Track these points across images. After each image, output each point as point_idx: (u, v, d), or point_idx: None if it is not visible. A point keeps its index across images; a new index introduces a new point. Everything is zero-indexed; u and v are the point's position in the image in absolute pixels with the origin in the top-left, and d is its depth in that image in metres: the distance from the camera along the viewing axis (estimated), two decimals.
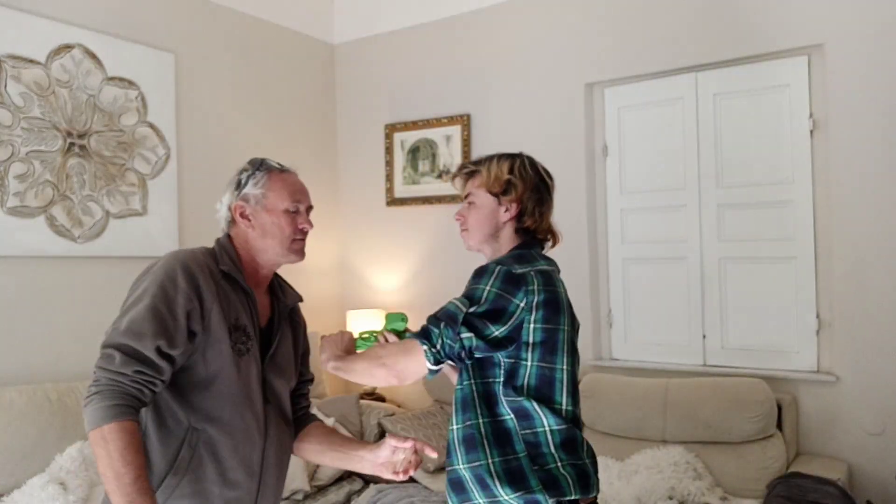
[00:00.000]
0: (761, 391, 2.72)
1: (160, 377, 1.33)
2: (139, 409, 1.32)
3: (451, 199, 3.75)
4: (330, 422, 3.21)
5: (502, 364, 1.49)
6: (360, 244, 4.14)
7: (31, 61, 2.77)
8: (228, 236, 1.56)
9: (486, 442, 1.47)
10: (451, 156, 3.78)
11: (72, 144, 2.89)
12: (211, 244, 1.55)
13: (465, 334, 1.45)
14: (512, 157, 1.67)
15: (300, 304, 1.71)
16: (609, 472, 2.81)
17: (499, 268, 1.52)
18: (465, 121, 3.72)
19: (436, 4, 3.82)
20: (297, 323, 1.69)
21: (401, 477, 1.56)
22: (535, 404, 1.47)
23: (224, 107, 3.57)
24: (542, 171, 1.69)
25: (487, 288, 1.49)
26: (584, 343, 3.35)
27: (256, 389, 1.49)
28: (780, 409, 2.79)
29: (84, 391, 2.66)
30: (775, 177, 2.99)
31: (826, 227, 2.88)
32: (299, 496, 2.93)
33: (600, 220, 3.44)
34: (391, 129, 3.99)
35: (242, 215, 1.53)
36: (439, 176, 3.84)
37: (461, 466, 1.50)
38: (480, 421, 1.49)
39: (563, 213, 3.41)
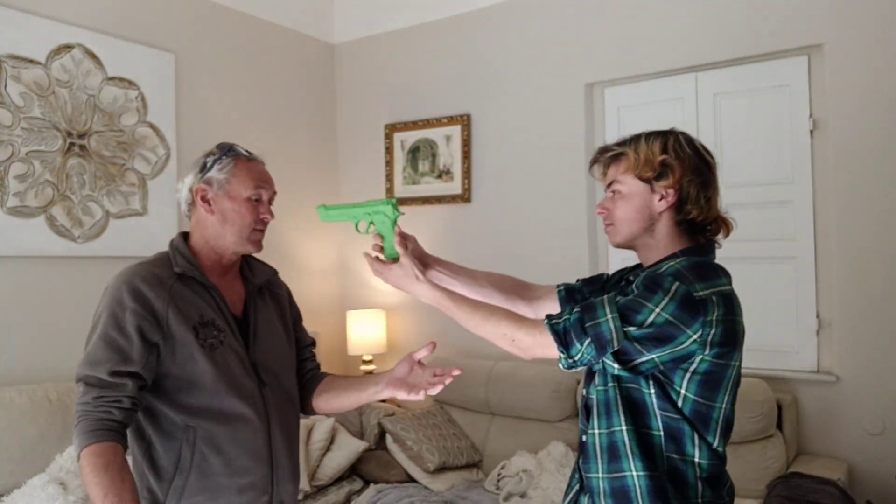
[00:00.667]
0: (761, 391, 2.72)
1: (123, 394, 1.35)
2: (116, 429, 1.34)
3: (451, 199, 3.75)
4: (329, 422, 3.21)
5: (651, 381, 1.31)
6: (359, 244, 4.14)
7: (31, 61, 2.77)
8: (183, 234, 1.57)
9: (630, 453, 1.31)
10: (451, 156, 3.78)
11: (72, 144, 2.89)
12: None
13: (611, 363, 1.28)
14: (664, 135, 1.40)
15: (281, 271, 1.71)
16: None
17: (677, 285, 1.25)
18: (465, 121, 3.72)
19: (436, 4, 3.82)
20: (276, 294, 1.68)
21: (417, 396, 1.49)
22: (694, 433, 1.30)
23: (224, 107, 3.57)
24: (702, 149, 1.40)
25: (657, 310, 1.24)
26: None
27: (244, 376, 1.49)
28: (780, 409, 2.79)
29: None
30: (775, 177, 2.99)
31: (826, 227, 2.88)
32: (299, 496, 2.93)
33: (600, 220, 3.43)
34: (391, 129, 3.99)
35: (203, 199, 1.51)
36: (440, 176, 3.84)
37: (600, 476, 1.35)
38: (624, 428, 1.31)
39: (563, 212, 3.44)
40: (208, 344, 1.45)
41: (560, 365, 1.32)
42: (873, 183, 2.74)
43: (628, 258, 3.37)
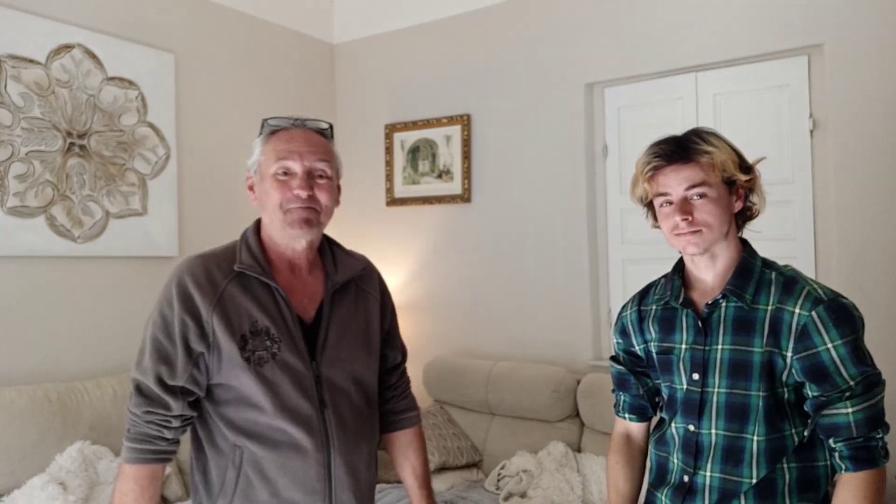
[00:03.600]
0: None
1: (171, 413, 1.27)
2: (165, 449, 1.29)
3: (451, 199, 3.75)
4: None
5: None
6: (359, 244, 4.12)
7: (31, 61, 2.77)
8: (253, 225, 1.42)
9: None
10: (451, 156, 3.78)
11: (72, 144, 2.89)
12: (211, 244, 1.44)
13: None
14: (715, 134, 1.38)
15: (381, 270, 1.51)
16: None
17: (856, 314, 1.33)
18: (465, 121, 3.72)
19: (436, 4, 3.82)
20: (364, 293, 1.43)
21: None
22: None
23: (224, 107, 3.57)
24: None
25: (863, 344, 1.32)
26: (583, 343, 3.37)
27: (299, 396, 1.29)
28: None
29: (84, 391, 2.66)
30: (775, 177, 2.98)
31: (826, 227, 2.88)
32: None
33: (600, 220, 3.43)
34: (391, 129, 3.99)
35: (250, 188, 1.39)
36: (440, 176, 3.84)
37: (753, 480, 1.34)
38: (793, 431, 1.34)
39: (563, 212, 3.44)
40: (256, 358, 1.27)
41: None
42: (873, 183, 2.74)
43: (628, 258, 3.39)
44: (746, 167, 1.37)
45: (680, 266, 1.51)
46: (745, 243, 1.43)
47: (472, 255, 3.69)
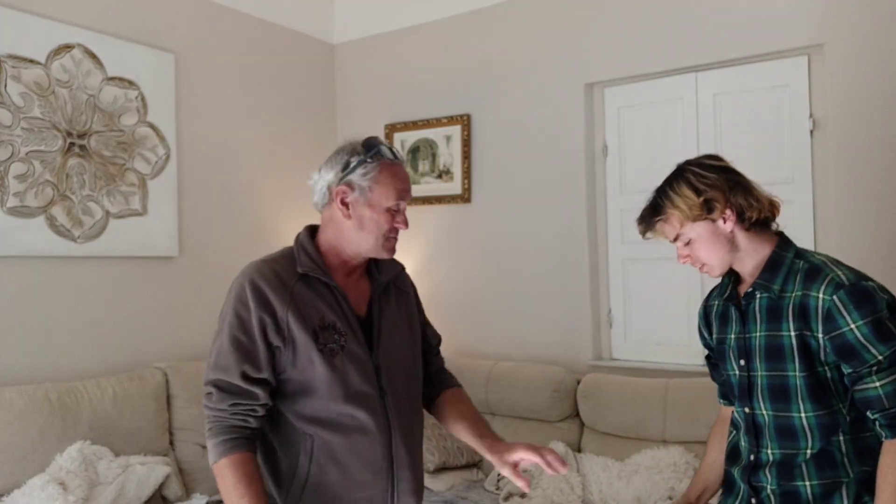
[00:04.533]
0: None
1: (257, 402, 1.37)
2: (251, 437, 1.37)
3: (451, 199, 3.75)
4: None
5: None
6: None
7: (31, 61, 2.77)
8: (311, 229, 1.52)
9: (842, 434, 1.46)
10: (451, 156, 3.78)
11: (72, 144, 2.89)
12: (211, 244, 1.55)
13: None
14: (680, 177, 1.54)
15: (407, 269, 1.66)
16: (609, 472, 2.81)
17: (879, 295, 1.45)
18: (465, 121, 3.72)
19: (436, 4, 3.82)
20: (404, 292, 1.62)
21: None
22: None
23: (224, 107, 3.57)
24: (713, 162, 1.57)
25: (888, 322, 1.40)
26: (583, 343, 3.37)
27: (364, 384, 1.43)
28: None
29: (84, 391, 2.66)
30: (775, 177, 2.98)
31: (826, 227, 2.88)
32: None
33: (600, 220, 3.43)
34: (391, 129, 3.99)
35: (343, 202, 1.45)
36: (440, 176, 3.84)
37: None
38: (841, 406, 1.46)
39: (563, 212, 3.44)
40: (328, 349, 1.40)
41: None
42: (873, 183, 2.73)
43: (628, 258, 3.38)
44: (710, 203, 1.49)
45: None
46: (780, 237, 1.60)
47: (472, 255, 3.69)
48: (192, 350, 3.31)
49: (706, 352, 1.77)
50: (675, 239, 1.55)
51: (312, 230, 1.53)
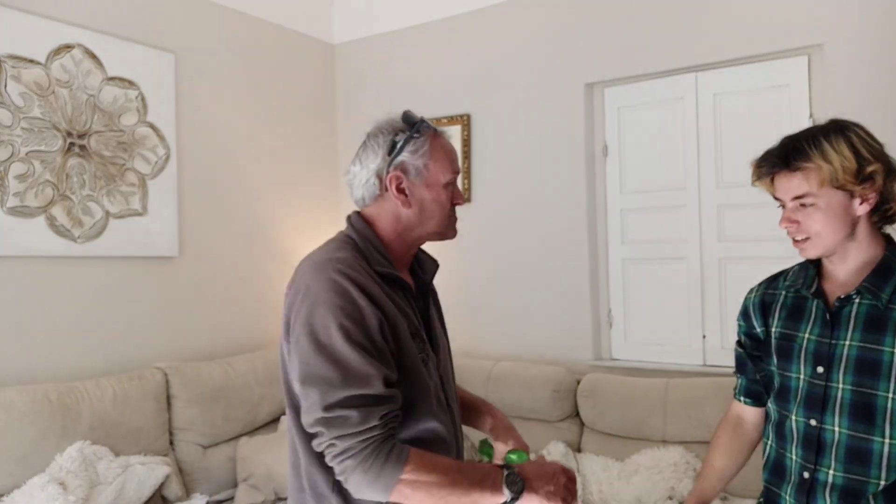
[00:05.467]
0: None
1: (397, 406, 1.17)
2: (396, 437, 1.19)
3: None
4: None
5: None
6: None
7: (31, 61, 2.77)
8: (363, 220, 1.31)
9: None
10: None
11: (72, 144, 2.89)
12: (211, 244, 1.42)
13: None
14: (843, 132, 1.30)
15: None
16: (609, 472, 2.81)
17: None
18: (465, 121, 3.72)
19: (436, 4, 3.82)
20: (434, 290, 1.47)
21: None
22: None
23: (224, 107, 3.57)
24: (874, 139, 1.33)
25: None
26: (583, 343, 3.37)
27: (440, 392, 1.31)
28: None
29: (84, 391, 2.66)
30: None
31: None
32: None
33: (600, 220, 3.43)
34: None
35: (399, 189, 1.28)
36: None
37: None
38: None
39: (563, 213, 3.44)
40: (421, 359, 1.26)
41: None
42: None
43: (628, 258, 3.38)
44: (866, 174, 1.28)
45: None
46: (890, 241, 1.39)
47: (471, 255, 3.69)
48: (192, 350, 3.31)
49: (740, 338, 1.59)
50: (795, 198, 1.32)
51: (364, 222, 1.33)
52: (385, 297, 1.21)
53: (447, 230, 1.34)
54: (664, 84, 3.24)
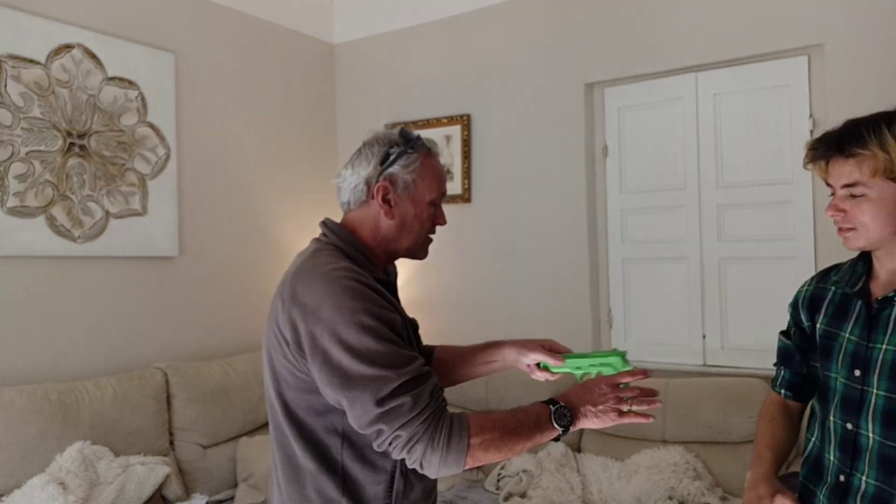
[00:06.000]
0: (761, 391, 2.72)
1: (437, 379, 1.24)
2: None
3: (451, 199, 3.74)
4: None
5: None
6: None
7: (31, 61, 2.77)
8: (344, 228, 1.35)
9: None
10: (451, 156, 3.78)
11: (72, 144, 2.89)
12: (211, 244, 1.43)
13: None
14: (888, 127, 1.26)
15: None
16: (609, 472, 2.81)
17: None
18: (465, 121, 3.72)
19: (436, 4, 3.82)
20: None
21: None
22: None
23: (224, 107, 3.57)
24: None
25: None
26: (583, 343, 3.37)
27: None
28: None
29: (84, 391, 2.65)
30: (775, 177, 2.99)
31: (826, 227, 2.87)
32: None
33: (600, 220, 3.43)
34: (391, 129, 3.99)
35: (385, 199, 1.32)
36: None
37: None
38: None
39: (563, 212, 3.44)
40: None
41: None
42: None
43: (628, 258, 3.38)
44: None
45: (868, 253, 1.39)
46: None
47: (472, 255, 3.69)
48: (192, 350, 3.31)
49: (789, 329, 1.54)
50: (848, 185, 1.28)
51: (342, 228, 1.36)
52: (389, 300, 1.26)
53: (419, 249, 1.38)
54: (664, 84, 3.24)
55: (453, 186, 3.77)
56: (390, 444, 1.17)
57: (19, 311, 2.74)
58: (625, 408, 1.31)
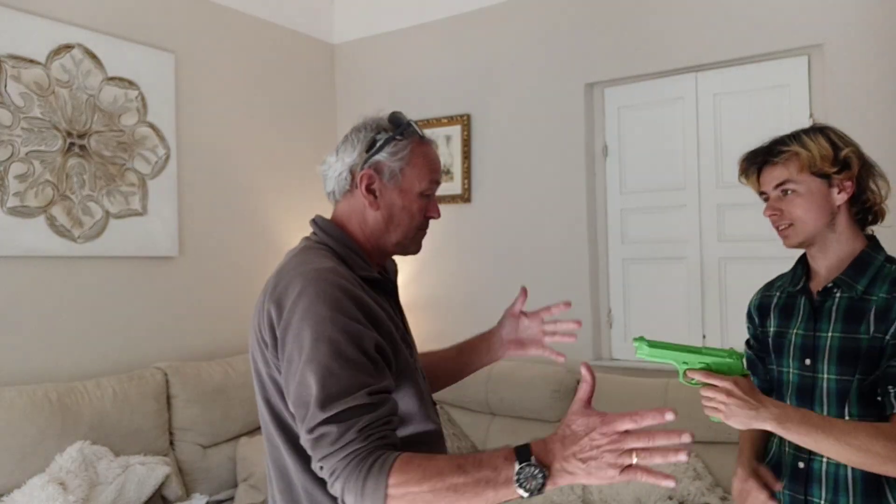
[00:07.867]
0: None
1: (390, 412, 1.06)
2: (398, 446, 1.05)
3: (451, 199, 3.74)
4: None
5: None
6: None
7: (31, 61, 2.77)
8: (334, 224, 1.26)
9: None
10: (451, 156, 3.78)
11: (72, 144, 2.89)
12: (211, 244, 1.37)
13: None
14: (820, 130, 1.41)
15: None
16: None
17: None
18: (465, 121, 3.72)
19: (436, 4, 3.82)
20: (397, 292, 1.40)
21: (541, 351, 1.41)
22: None
23: (224, 107, 3.57)
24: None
25: None
26: (583, 343, 3.37)
27: (428, 395, 1.26)
28: None
29: (84, 391, 2.65)
30: None
31: None
32: None
33: (600, 220, 3.43)
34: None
35: (369, 189, 1.22)
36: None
37: None
38: None
39: (563, 212, 3.44)
40: (411, 362, 1.21)
41: None
42: None
43: (628, 258, 3.38)
44: (841, 158, 1.37)
45: (805, 256, 1.54)
46: (871, 240, 1.46)
47: (472, 255, 3.69)
48: (192, 350, 3.31)
49: (749, 340, 1.65)
50: (778, 186, 1.42)
51: (333, 223, 1.28)
52: (375, 305, 1.15)
53: (410, 244, 1.28)
54: (664, 84, 3.24)
55: (453, 186, 3.77)
56: (320, 472, 1.06)
57: (19, 311, 2.74)
58: (631, 461, 0.97)
